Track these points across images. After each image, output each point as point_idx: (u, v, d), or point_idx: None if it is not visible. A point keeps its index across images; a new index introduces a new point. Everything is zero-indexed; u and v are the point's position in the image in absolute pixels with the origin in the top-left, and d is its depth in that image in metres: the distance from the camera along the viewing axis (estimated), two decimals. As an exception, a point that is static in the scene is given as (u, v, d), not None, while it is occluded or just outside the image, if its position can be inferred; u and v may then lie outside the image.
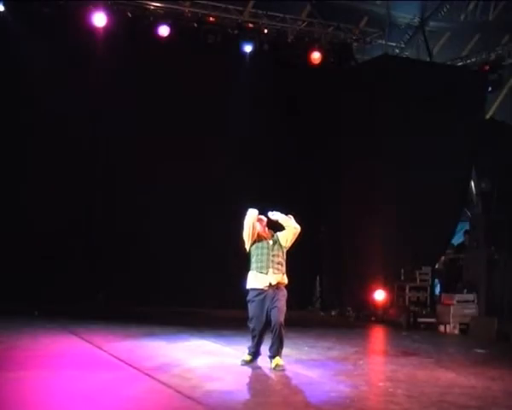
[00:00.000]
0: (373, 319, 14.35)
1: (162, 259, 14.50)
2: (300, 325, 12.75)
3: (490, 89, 15.98)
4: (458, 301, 13.20)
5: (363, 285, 14.80)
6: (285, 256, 8.71)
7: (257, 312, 8.49)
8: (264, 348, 8.70)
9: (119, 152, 14.57)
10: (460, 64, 16.85)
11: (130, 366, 8.15)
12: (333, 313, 15.40)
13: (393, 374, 8.41)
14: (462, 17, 17.14)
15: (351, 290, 15.38)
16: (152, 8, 14.75)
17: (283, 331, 8.47)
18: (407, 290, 14.26)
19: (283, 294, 8.57)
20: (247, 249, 8.71)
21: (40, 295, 13.12)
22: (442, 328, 13.13)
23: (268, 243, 8.65)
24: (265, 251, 8.59)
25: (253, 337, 8.61)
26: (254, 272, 8.58)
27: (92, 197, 14.66)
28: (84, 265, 14.43)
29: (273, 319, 8.44)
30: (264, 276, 8.51)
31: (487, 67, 15.84)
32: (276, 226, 8.81)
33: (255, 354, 8.69)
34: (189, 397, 6.69)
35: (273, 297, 8.46)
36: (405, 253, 14.38)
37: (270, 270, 8.52)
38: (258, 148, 15.34)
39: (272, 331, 8.48)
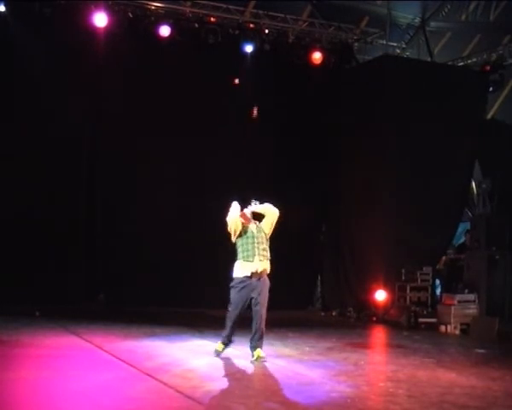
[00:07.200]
0: (374, 319, 14.35)
1: (163, 258, 14.49)
2: (301, 325, 12.79)
3: (491, 89, 15.96)
4: (459, 302, 13.19)
5: (363, 285, 14.80)
6: (268, 243, 9.00)
7: (238, 298, 8.81)
8: (241, 339, 9.01)
9: (119, 152, 14.56)
10: (461, 64, 16.83)
11: (131, 365, 8.15)
12: (333, 313, 15.40)
13: (394, 374, 8.40)
14: (463, 17, 17.11)
15: (351, 290, 15.38)
16: (153, 8, 14.75)
17: (264, 324, 8.77)
18: (408, 290, 14.25)
19: (266, 284, 8.87)
20: (233, 241, 9.01)
21: (41, 296, 13.11)
22: (443, 328, 13.11)
23: (252, 231, 8.94)
24: (250, 240, 8.90)
25: (229, 323, 8.87)
26: (241, 260, 8.89)
27: (92, 198, 14.64)
28: (84, 265, 14.43)
29: (255, 312, 8.76)
30: (251, 264, 8.80)
31: (488, 68, 15.82)
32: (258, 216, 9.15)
33: (228, 342, 8.99)
34: (189, 397, 6.69)
35: (256, 288, 8.75)
36: (406, 253, 14.37)
37: (257, 257, 8.82)
38: (259, 148, 15.34)
39: (254, 323, 8.75)
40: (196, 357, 8.92)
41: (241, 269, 8.86)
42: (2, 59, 13.50)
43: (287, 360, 8.92)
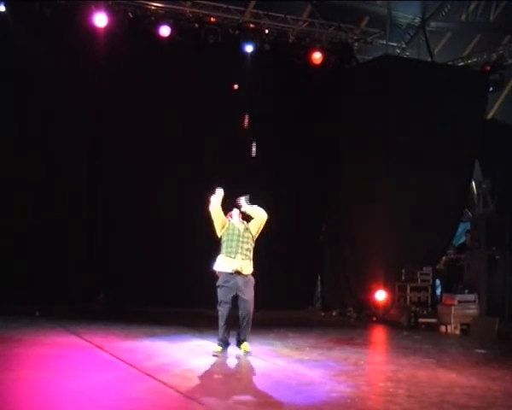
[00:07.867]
0: (374, 319, 14.35)
1: (163, 258, 14.49)
2: (301, 325, 12.78)
3: (491, 89, 15.96)
4: (459, 302, 13.19)
5: (363, 285, 14.80)
6: (253, 244, 9.16)
7: (225, 297, 8.93)
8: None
9: (119, 152, 14.56)
10: (461, 64, 16.83)
11: (131, 365, 8.15)
12: (334, 314, 15.39)
13: (394, 374, 8.40)
14: (463, 17, 17.10)
15: (351, 290, 15.38)
16: (153, 8, 14.74)
17: (251, 319, 8.97)
18: (408, 291, 14.25)
19: (251, 282, 9.04)
20: (219, 235, 9.19)
21: (41, 296, 13.10)
22: (443, 328, 13.11)
23: (239, 229, 9.12)
24: (235, 237, 9.07)
25: (221, 323, 9.00)
26: (223, 255, 9.07)
27: (92, 198, 14.64)
28: (84, 265, 14.43)
29: (243, 310, 8.93)
30: (232, 260, 8.98)
31: (488, 68, 15.82)
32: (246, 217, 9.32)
33: (225, 343, 9.10)
34: (189, 397, 6.69)
35: (241, 286, 8.91)
36: (406, 253, 14.37)
37: (239, 255, 8.99)
38: (259, 148, 15.34)
39: (242, 320, 8.94)
40: (196, 357, 8.92)
41: (222, 264, 9.04)
42: (2, 59, 13.48)
43: (287, 360, 8.92)
